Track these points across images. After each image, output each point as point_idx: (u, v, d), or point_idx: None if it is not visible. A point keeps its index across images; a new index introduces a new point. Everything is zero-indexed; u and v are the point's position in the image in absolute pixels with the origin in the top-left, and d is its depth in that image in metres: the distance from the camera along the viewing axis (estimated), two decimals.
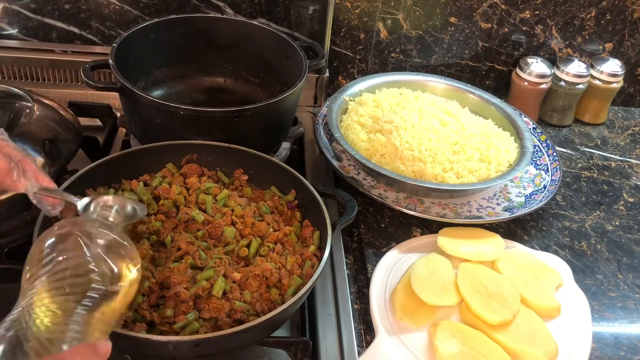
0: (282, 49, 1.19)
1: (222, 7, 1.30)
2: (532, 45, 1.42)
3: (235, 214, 0.92)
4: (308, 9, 1.31)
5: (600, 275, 1.02)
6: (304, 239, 0.92)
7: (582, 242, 1.09)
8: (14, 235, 0.91)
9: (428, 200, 1.10)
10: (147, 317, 0.76)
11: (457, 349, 0.82)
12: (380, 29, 1.37)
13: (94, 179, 0.92)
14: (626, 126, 1.45)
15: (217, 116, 0.99)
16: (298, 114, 1.26)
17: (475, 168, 1.10)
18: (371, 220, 1.08)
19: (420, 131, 1.13)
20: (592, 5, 1.37)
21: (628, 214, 1.17)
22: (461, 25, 1.38)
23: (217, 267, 0.82)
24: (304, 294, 0.78)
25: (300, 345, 0.82)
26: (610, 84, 1.39)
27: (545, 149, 1.24)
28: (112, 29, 1.31)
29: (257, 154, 0.98)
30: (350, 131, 1.18)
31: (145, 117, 1.03)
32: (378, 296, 0.91)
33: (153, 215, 0.91)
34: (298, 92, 1.08)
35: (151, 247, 0.86)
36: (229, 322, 0.77)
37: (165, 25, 1.18)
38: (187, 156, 0.99)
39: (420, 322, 0.87)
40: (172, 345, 0.71)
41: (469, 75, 1.46)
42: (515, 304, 0.89)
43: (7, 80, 1.31)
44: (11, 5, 1.26)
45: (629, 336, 0.92)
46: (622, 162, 1.31)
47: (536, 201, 1.11)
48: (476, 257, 0.97)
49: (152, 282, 0.79)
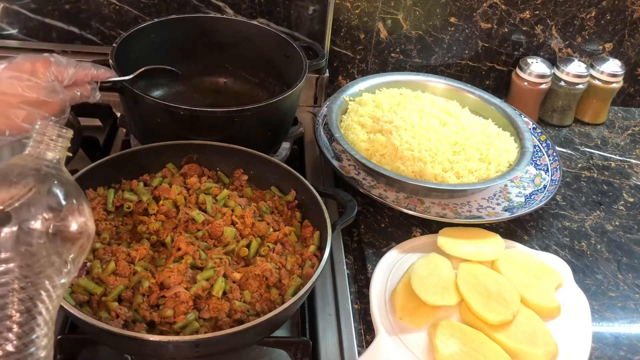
0: (282, 49, 1.19)
1: (222, 7, 1.30)
2: (532, 45, 1.42)
3: (235, 214, 0.92)
4: (308, 9, 1.31)
5: (600, 275, 1.02)
6: (304, 239, 0.92)
7: (582, 242, 1.09)
8: None
9: (428, 200, 1.10)
10: (147, 317, 0.76)
11: (457, 349, 0.82)
12: (380, 29, 1.37)
13: (94, 179, 0.92)
14: (626, 126, 1.45)
15: (217, 116, 0.99)
16: (298, 114, 1.26)
17: (475, 168, 1.10)
18: (371, 220, 1.08)
19: (420, 131, 1.13)
20: (592, 5, 1.37)
21: (628, 214, 1.17)
22: (461, 25, 1.38)
23: (217, 267, 0.82)
24: (304, 294, 0.78)
25: (300, 345, 0.82)
26: (610, 84, 1.39)
27: (545, 149, 1.24)
28: (112, 29, 1.31)
29: (257, 154, 0.98)
30: (350, 131, 1.18)
31: (145, 117, 1.03)
32: (378, 296, 0.91)
33: (153, 215, 0.91)
34: (298, 92, 1.08)
35: (151, 247, 0.86)
36: (229, 322, 0.77)
37: (165, 25, 1.18)
38: (187, 156, 0.99)
39: (420, 322, 0.87)
40: (172, 345, 0.71)
41: (469, 76, 1.46)
42: (515, 304, 0.89)
43: None
44: (11, 5, 1.26)
45: (629, 336, 0.92)
46: (622, 162, 1.32)
47: (536, 201, 1.11)
48: (476, 257, 0.97)
49: (152, 282, 0.79)
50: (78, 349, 0.81)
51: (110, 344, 0.77)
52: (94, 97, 0.88)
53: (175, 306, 0.77)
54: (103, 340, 0.77)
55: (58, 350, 0.79)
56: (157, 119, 1.00)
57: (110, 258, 0.82)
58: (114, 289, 0.78)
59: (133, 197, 0.92)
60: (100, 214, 0.89)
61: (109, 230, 0.88)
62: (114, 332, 0.70)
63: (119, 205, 0.92)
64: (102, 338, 0.76)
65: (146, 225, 0.89)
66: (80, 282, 0.78)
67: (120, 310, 0.75)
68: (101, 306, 0.77)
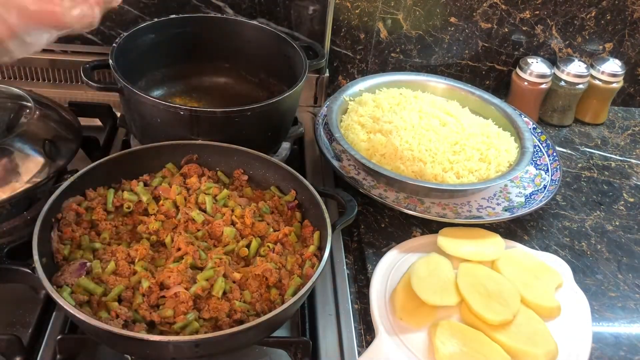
0: (282, 49, 1.19)
1: (222, 7, 1.30)
2: (532, 45, 1.42)
3: (235, 214, 0.92)
4: (308, 9, 1.31)
5: (600, 275, 1.02)
6: (304, 239, 0.92)
7: (582, 242, 1.09)
8: (14, 235, 0.91)
9: (428, 200, 1.10)
10: (147, 317, 0.76)
11: (457, 349, 0.82)
12: (380, 29, 1.37)
13: (94, 179, 0.92)
14: (626, 126, 1.45)
15: (217, 116, 0.99)
16: (298, 114, 1.26)
17: (475, 168, 1.10)
18: (371, 220, 1.08)
19: (420, 131, 1.14)
20: (592, 5, 1.37)
21: (628, 214, 1.17)
22: (461, 25, 1.38)
23: (217, 267, 0.82)
24: (304, 294, 0.78)
25: (300, 345, 0.82)
26: (610, 84, 1.39)
27: (545, 149, 1.24)
28: (112, 29, 1.31)
29: (257, 154, 0.98)
30: (350, 131, 1.18)
31: (145, 117, 1.03)
32: (378, 296, 0.91)
33: (153, 215, 0.91)
34: (298, 92, 1.08)
35: (151, 247, 0.86)
36: (229, 322, 0.77)
37: (165, 25, 1.18)
38: (187, 156, 0.99)
39: (420, 322, 0.87)
40: (172, 345, 0.71)
41: (469, 75, 1.46)
42: (515, 304, 0.89)
43: (7, 80, 1.31)
44: None
45: (629, 336, 0.92)
46: (622, 162, 1.32)
47: (536, 201, 1.11)
48: (476, 257, 0.97)
49: (152, 282, 0.79)
50: (78, 349, 0.81)
51: (110, 344, 0.77)
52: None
53: (175, 306, 0.77)
54: (103, 340, 0.77)
55: (58, 350, 0.79)
56: (157, 119, 1.00)
57: (110, 258, 0.82)
58: (114, 289, 0.78)
59: (133, 197, 0.92)
60: (100, 214, 0.89)
61: (109, 230, 0.88)
62: (114, 332, 0.70)
63: (119, 205, 0.92)
64: (102, 338, 0.76)
65: (146, 225, 0.89)
66: (80, 282, 0.78)
67: (120, 310, 0.75)
68: (101, 306, 0.77)
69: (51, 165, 0.93)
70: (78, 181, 0.89)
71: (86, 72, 1.02)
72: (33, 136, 0.94)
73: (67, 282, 0.78)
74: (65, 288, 0.77)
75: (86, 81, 1.01)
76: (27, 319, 0.86)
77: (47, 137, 0.96)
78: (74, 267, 0.80)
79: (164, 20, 1.18)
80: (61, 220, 0.86)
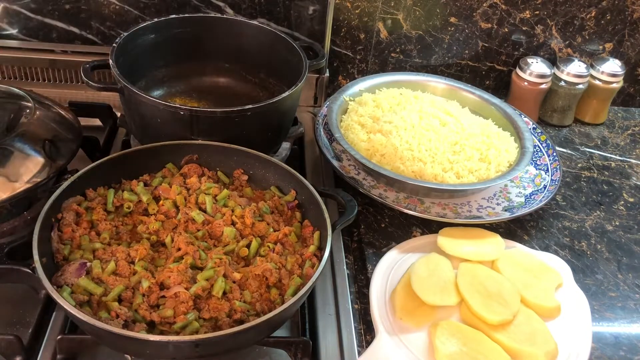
0: (282, 49, 1.19)
1: (222, 7, 1.30)
2: (532, 45, 1.42)
3: (235, 214, 0.92)
4: (308, 9, 1.31)
5: (600, 275, 1.02)
6: (304, 239, 0.92)
7: (582, 242, 1.09)
8: (14, 235, 0.91)
9: (428, 200, 1.10)
10: (147, 317, 0.76)
11: (457, 349, 0.82)
12: (380, 29, 1.37)
13: (94, 179, 0.92)
14: (626, 126, 1.45)
15: (217, 116, 0.99)
16: (298, 114, 1.26)
17: (475, 168, 1.10)
18: (371, 220, 1.08)
19: (420, 131, 1.13)
20: (592, 5, 1.37)
21: (628, 214, 1.17)
22: (461, 25, 1.38)
23: (217, 267, 0.82)
24: (304, 294, 0.78)
25: (300, 345, 0.82)
26: (610, 84, 1.39)
27: (545, 149, 1.24)
28: (112, 29, 1.31)
29: (257, 154, 0.99)
30: (350, 131, 1.18)
31: (145, 117, 1.03)
32: (378, 296, 0.91)
33: (153, 215, 0.91)
34: (298, 92, 1.08)
35: (151, 247, 0.86)
36: (229, 322, 0.77)
37: (165, 26, 1.18)
38: (187, 156, 0.99)
39: (420, 322, 0.87)
40: (172, 345, 0.71)
41: (469, 75, 1.46)
42: (515, 304, 0.89)
43: (7, 80, 1.31)
44: (11, 5, 1.26)
45: (629, 336, 0.92)
46: (622, 162, 1.32)
47: (536, 201, 1.11)
48: (476, 257, 0.97)
49: (152, 282, 0.79)
50: (78, 349, 0.81)
51: (110, 344, 0.77)
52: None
53: (175, 306, 0.77)
54: (103, 340, 0.77)
55: (58, 350, 0.79)
56: (157, 119, 1.00)
57: (110, 258, 0.82)
58: (114, 289, 0.78)
59: (133, 197, 0.92)
60: (100, 214, 0.89)
61: (109, 230, 0.88)
62: (114, 332, 0.70)
63: (119, 205, 0.92)
64: (102, 338, 0.76)
65: (146, 225, 0.89)
66: (80, 282, 0.78)
67: (120, 310, 0.75)
68: (101, 306, 0.77)
69: (51, 165, 0.93)
70: (78, 181, 0.89)
71: (86, 72, 1.02)
72: (33, 136, 0.94)
73: (67, 282, 0.78)
74: (66, 288, 0.77)
75: (86, 81, 1.01)
76: (27, 319, 0.86)
77: (47, 137, 0.96)
78: (74, 267, 0.80)
79: (164, 20, 1.18)
80: (61, 220, 0.86)
